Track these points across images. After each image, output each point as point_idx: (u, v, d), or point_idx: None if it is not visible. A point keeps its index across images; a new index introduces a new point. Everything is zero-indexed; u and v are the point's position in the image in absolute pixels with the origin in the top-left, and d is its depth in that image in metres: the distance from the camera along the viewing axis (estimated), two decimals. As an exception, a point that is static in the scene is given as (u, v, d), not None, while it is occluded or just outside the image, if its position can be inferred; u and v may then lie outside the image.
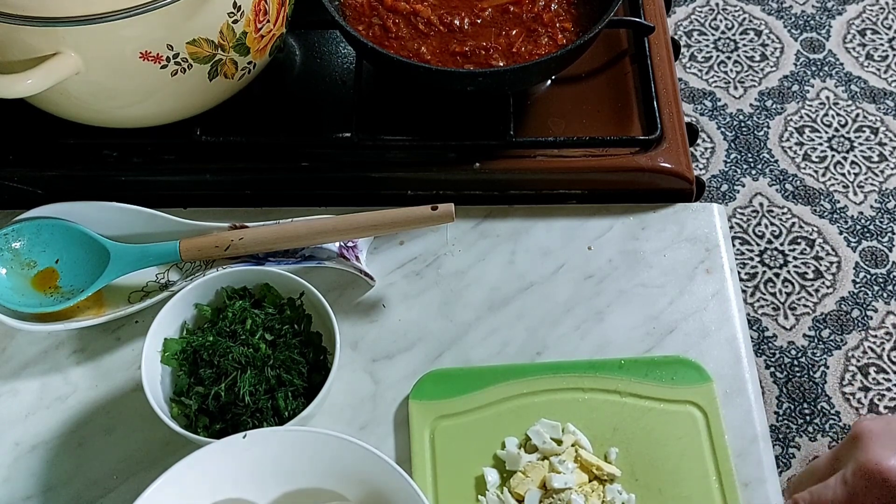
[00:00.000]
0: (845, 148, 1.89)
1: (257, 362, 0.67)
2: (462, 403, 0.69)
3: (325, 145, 0.82)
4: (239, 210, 0.79)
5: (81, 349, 0.73)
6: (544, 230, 0.79)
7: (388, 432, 0.69)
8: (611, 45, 0.87)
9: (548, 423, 0.68)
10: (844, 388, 1.63)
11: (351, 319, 0.74)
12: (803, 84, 1.99)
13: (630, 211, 0.80)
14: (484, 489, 0.66)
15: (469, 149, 0.80)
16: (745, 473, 0.67)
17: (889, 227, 1.78)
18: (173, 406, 0.67)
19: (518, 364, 0.72)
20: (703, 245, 0.78)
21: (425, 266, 0.78)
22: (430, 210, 0.70)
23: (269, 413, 0.66)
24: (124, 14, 0.65)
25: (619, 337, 0.74)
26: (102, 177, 0.80)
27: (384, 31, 0.80)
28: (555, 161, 0.80)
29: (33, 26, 0.64)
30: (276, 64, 0.83)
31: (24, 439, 0.69)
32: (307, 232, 0.73)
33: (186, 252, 0.73)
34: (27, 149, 0.81)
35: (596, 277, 0.77)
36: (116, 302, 0.74)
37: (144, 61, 0.69)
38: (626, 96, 0.84)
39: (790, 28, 2.08)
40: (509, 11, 0.81)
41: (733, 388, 0.70)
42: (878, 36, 2.06)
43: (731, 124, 1.93)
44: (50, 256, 0.74)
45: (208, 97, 0.76)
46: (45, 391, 0.71)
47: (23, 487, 0.67)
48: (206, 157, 0.81)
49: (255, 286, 0.72)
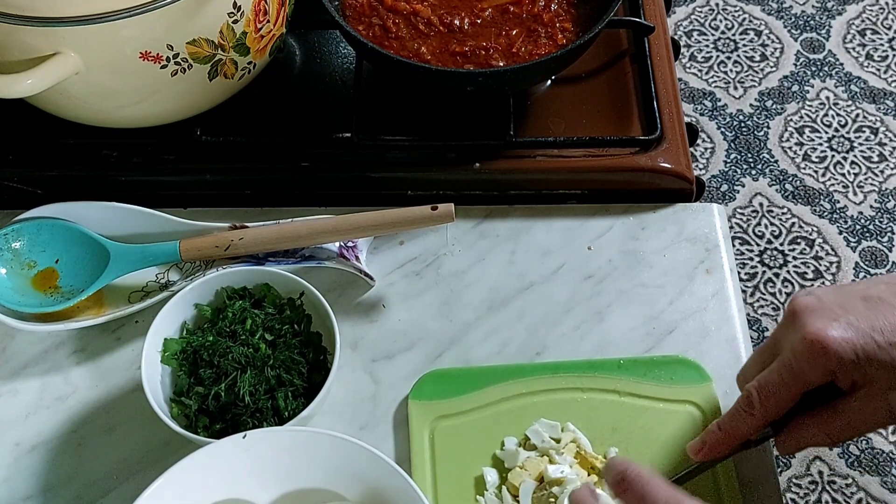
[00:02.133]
0: (845, 148, 1.89)
1: (257, 362, 0.67)
2: (462, 403, 0.69)
3: (325, 145, 0.82)
4: (239, 210, 0.79)
5: (81, 349, 0.73)
6: (544, 230, 0.79)
7: (387, 432, 0.69)
8: (611, 45, 0.87)
9: (547, 422, 0.68)
10: (844, 388, 1.62)
11: (351, 319, 0.74)
12: (803, 84, 1.99)
13: (630, 211, 0.80)
14: (483, 489, 0.66)
15: (469, 149, 0.80)
16: (744, 473, 0.66)
17: (889, 227, 1.78)
18: (173, 406, 0.67)
19: (518, 364, 0.72)
20: (703, 245, 0.78)
21: (425, 266, 0.78)
22: (430, 210, 0.70)
23: (269, 413, 0.66)
24: (124, 14, 0.65)
25: (618, 337, 0.74)
26: (102, 177, 0.80)
27: (384, 31, 0.80)
28: (555, 161, 0.80)
29: (33, 26, 0.65)
30: (276, 64, 0.83)
31: (24, 439, 0.69)
32: (307, 232, 0.73)
33: (186, 252, 0.73)
34: (27, 149, 0.81)
35: (596, 277, 0.77)
36: (116, 302, 0.74)
37: (144, 61, 0.69)
38: (626, 96, 0.84)
39: (790, 28, 2.08)
40: (509, 11, 0.81)
41: (733, 388, 0.70)
42: (878, 36, 2.06)
43: (731, 124, 1.93)
44: (50, 256, 0.74)
45: (208, 97, 0.76)
46: (45, 391, 0.71)
47: (23, 487, 0.67)
48: (206, 157, 0.81)
49: (255, 286, 0.72)
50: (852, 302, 0.58)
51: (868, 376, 0.57)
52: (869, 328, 0.56)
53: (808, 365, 0.57)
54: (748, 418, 0.60)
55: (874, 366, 0.56)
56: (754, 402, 0.60)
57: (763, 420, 0.60)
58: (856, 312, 0.57)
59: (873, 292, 0.59)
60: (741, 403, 0.61)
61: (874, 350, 0.56)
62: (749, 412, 0.60)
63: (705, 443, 0.62)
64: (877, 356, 0.56)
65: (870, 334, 0.56)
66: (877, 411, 0.57)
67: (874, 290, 0.59)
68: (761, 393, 0.60)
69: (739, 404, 0.61)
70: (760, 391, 0.60)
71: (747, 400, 0.60)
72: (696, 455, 0.63)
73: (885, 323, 0.56)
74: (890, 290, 0.58)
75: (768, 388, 0.59)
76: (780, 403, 0.59)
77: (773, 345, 0.61)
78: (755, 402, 0.60)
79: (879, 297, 0.58)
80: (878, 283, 0.59)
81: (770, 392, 0.59)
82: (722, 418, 0.62)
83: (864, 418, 0.58)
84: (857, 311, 0.57)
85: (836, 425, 0.59)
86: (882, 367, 0.56)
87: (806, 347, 0.57)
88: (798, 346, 0.57)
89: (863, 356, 0.56)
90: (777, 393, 0.59)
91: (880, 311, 0.57)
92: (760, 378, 0.60)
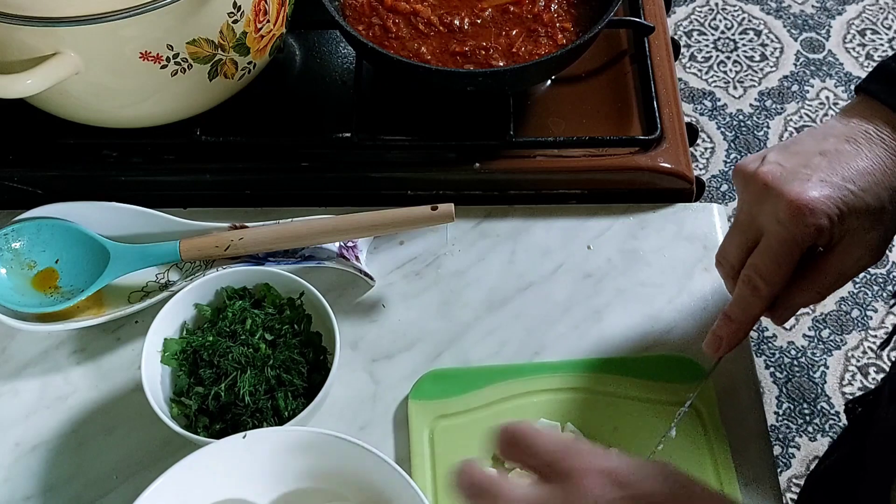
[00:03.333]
0: (845, 148, 1.89)
1: (257, 362, 0.67)
2: (461, 403, 0.69)
3: (325, 145, 0.82)
4: (239, 210, 0.79)
5: (81, 349, 0.73)
6: (544, 230, 0.79)
7: (387, 432, 0.69)
8: (611, 45, 0.87)
9: (547, 422, 0.68)
10: (844, 388, 1.63)
11: (351, 319, 0.74)
12: (803, 84, 1.99)
13: (630, 211, 0.80)
14: (484, 489, 0.66)
15: (469, 149, 0.80)
16: (744, 473, 0.67)
17: (889, 226, 1.78)
18: (173, 406, 0.67)
19: (517, 364, 0.72)
20: (702, 243, 0.78)
21: (425, 266, 0.78)
22: (430, 210, 0.70)
23: (269, 413, 0.66)
24: (124, 14, 0.65)
25: (617, 336, 0.74)
26: (102, 177, 0.80)
27: (384, 31, 0.80)
28: (555, 161, 0.80)
29: (33, 26, 0.65)
30: (276, 64, 0.83)
31: (24, 439, 0.69)
32: (307, 232, 0.73)
33: (186, 252, 0.73)
34: (27, 149, 0.81)
35: (595, 277, 0.77)
36: (116, 302, 0.74)
37: (144, 61, 0.69)
38: (626, 96, 0.84)
39: (790, 28, 2.08)
40: (509, 11, 0.81)
41: (732, 388, 0.70)
42: (878, 36, 2.06)
43: (731, 124, 1.94)
44: (50, 256, 0.74)
45: (208, 97, 0.76)
46: (46, 391, 0.72)
47: (23, 487, 0.67)
48: (206, 157, 0.81)
49: (255, 286, 0.72)
50: (813, 160, 0.59)
51: (847, 225, 0.58)
52: (840, 180, 0.58)
53: (799, 230, 0.57)
54: (756, 300, 0.61)
55: (854, 215, 0.57)
56: (757, 283, 0.60)
57: (770, 296, 0.60)
58: (822, 169, 0.58)
59: (827, 146, 0.59)
60: (744, 289, 0.61)
61: (852, 199, 0.57)
62: (756, 294, 0.60)
63: (721, 337, 0.63)
64: (855, 205, 0.57)
65: (844, 186, 0.57)
66: (861, 256, 0.59)
67: (826, 144, 0.60)
68: (762, 273, 0.60)
69: (743, 290, 0.61)
70: (760, 271, 0.60)
71: (750, 283, 0.60)
72: (717, 351, 0.63)
73: (852, 172, 0.58)
74: (840, 140, 0.59)
75: (766, 264, 0.60)
76: (783, 276, 0.60)
77: (749, 222, 0.61)
78: (759, 284, 0.60)
79: (836, 149, 0.59)
80: (826, 136, 0.60)
81: (770, 268, 0.60)
82: (730, 308, 0.62)
83: (849, 265, 0.60)
84: (822, 167, 0.58)
85: (827, 280, 0.60)
86: (861, 214, 0.58)
87: (792, 213, 0.57)
88: (783, 215, 0.58)
89: (844, 208, 0.57)
90: (776, 266, 0.59)
91: (843, 162, 0.58)
92: (754, 258, 0.60)
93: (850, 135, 0.60)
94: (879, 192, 0.58)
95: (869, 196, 0.58)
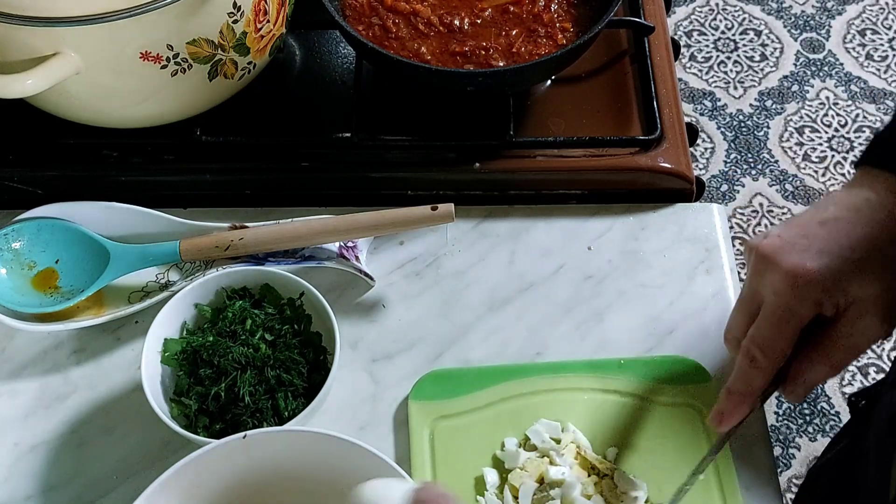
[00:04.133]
0: (845, 148, 1.89)
1: (257, 362, 0.67)
2: (462, 404, 0.69)
3: (325, 145, 0.82)
4: (239, 210, 0.79)
5: (81, 349, 0.73)
6: (544, 230, 0.79)
7: (387, 432, 0.69)
8: (611, 45, 0.87)
9: (547, 422, 0.68)
10: (844, 388, 1.63)
11: (351, 319, 0.74)
12: (803, 84, 1.99)
13: (630, 211, 0.80)
14: (483, 489, 0.66)
15: (469, 149, 0.80)
16: (745, 474, 0.66)
17: (889, 227, 1.78)
18: (173, 406, 0.67)
19: (518, 364, 0.72)
20: (703, 245, 0.78)
21: (425, 266, 0.78)
22: (430, 210, 0.70)
23: (269, 413, 0.66)
24: (124, 14, 0.65)
25: (618, 337, 0.74)
26: (102, 177, 0.80)
27: (384, 31, 0.80)
28: (555, 161, 0.80)
29: (33, 26, 0.65)
30: (276, 64, 0.83)
31: (24, 439, 0.69)
32: (307, 232, 0.73)
33: (186, 252, 0.73)
34: (27, 149, 0.81)
35: (596, 278, 0.77)
36: (116, 302, 0.74)
37: (144, 61, 0.69)
38: (626, 96, 0.84)
39: (790, 28, 2.08)
40: (509, 11, 0.81)
41: (733, 389, 0.70)
42: (878, 36, 2.06)
43: (731, 124, 1.93)
44: (50, 256, 0.74)
45: (208, 97, 0.76)
46: (45, 391, 0.71)
47: (23, 487, 0.67)
48: (206, 157, 0.81)
49: (255, 286, 0.72)
50: (812, 230, 0.59)
51: (851, 295, 0.57)
52: (838, 248, 0.57)
53: (796, 301, 0.57)
54: (756, 373, 0.60)
55: (855, 282, 0.57)
56: (756, 355, 0.59)
57: (771, 370, 0.60)
58: (820, 239, 0.58)
59: (827, 215, 0.59)
60: (744, 361, 0.60)
61: (850, 268, 0.57)
62: (755, 367, 0.60)
63: (723, 412, 0.62)
64: (856, 273, 0.57)
65: (841, 254, 0.57)
66: (870, 324, 0.58)
67: (825, 213, 0.59)
68: (760, 344, 0.59)
69: (742, 362, 0.60)
70: (759, 343, 0.59)
71: (749, 356, 0.60)
72: (720, 426, 0.62)
73: (852, 240, 0.57)
74: (839, 209, 0.59)
75: (765, 337, 0.59)
76: (782, 348, 0.59)
77: (751, 295, 0.61)
78: (757, 356, 0.59)
79: (835, 217, 0.59)
80: (826, 206, 0.60)
81: (768, 341, 0.59)
82: (730, 382, 0.61)
83: (860, 335, 0.58)
84: (821, 237, 0.58)
85: (837, 353, 0.59)
86: (862, 282, 0.57)
87: (788, 285, 0.57)
88: (779, 286, 0.57)
89: (843, 278, 0.57)
90: (775, 339, 0.59)
91: (842, 231, 0.58)
92: (753, 331, 0.60)
93: (852, 202, 0.59)
94: (883, 258, 0.57)
95: (871, 263, 0.57)
